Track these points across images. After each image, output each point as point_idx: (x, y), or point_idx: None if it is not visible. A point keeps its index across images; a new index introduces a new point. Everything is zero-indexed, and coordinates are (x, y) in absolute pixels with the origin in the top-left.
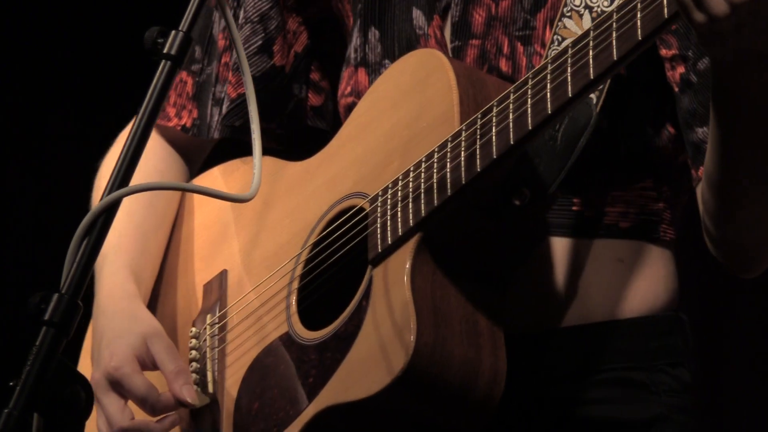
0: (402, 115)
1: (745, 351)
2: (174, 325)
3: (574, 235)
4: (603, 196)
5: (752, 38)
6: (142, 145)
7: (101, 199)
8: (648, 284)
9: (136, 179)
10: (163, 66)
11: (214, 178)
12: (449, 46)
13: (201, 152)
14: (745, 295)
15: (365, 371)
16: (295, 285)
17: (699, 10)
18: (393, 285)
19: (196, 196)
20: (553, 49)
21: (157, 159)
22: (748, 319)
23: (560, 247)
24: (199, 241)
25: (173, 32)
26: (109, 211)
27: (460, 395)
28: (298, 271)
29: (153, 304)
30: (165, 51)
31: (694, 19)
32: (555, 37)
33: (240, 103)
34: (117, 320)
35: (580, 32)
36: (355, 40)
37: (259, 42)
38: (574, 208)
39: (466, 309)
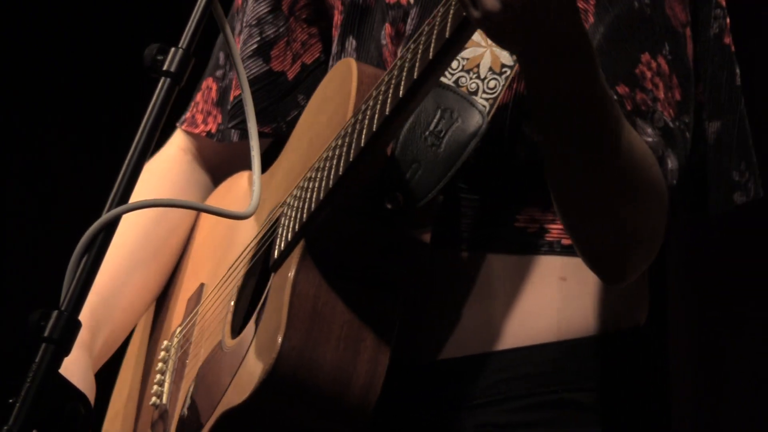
0: (321, 121)
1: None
2: (160, 339)
3: (516, 252)
4: (546, 211)
5: (534, 31)
6: (141, 161)
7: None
8: (591, 303)
9: (152, 196)
10: (163, 83)
11: (219, 194)
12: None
13: (232, 157)
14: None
15: (246, 376)
16: (234, 296)
17: (474, 7)
18: (278, 290)
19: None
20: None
21: (175, 176)
22: (748, 330)
23: (502, 264)
24: (196, 257)
25: (173, 49)
26: (108, 229)
27: (332, 399)
28: (238, 281)
29: (156, 319)
30: (165, 68)
31: (471, 16)
32: None
33: (237, 104)
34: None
35: None
36: (334, 48)
37: (255, 45)
38: (517, 224)
39: (351, 315)
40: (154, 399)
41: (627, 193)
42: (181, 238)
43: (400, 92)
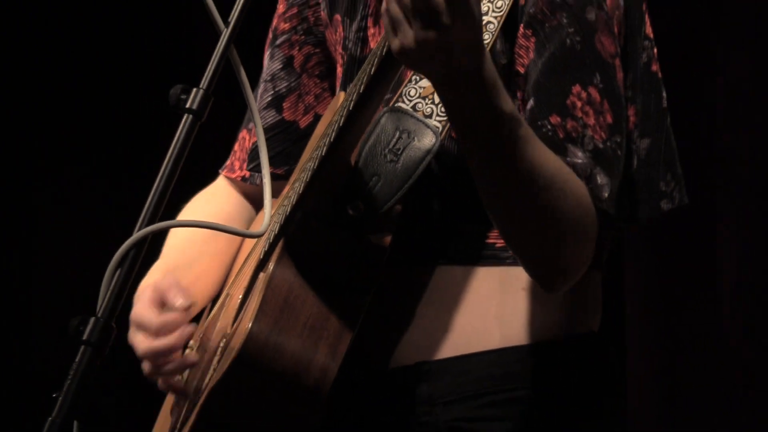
0: (310, 148)
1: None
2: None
3: (478, 263)
4: None
5: (444, 66)
6: (168, 187)
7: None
8: (550, 309)
9: (207, 217)
10: (186, 119)
11: (256, 222)
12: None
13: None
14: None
15: (227, 356)
16: (242, 292)
17: (395, 35)
18: (259, 283)
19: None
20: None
21: (214, 207)
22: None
23: (466, 273)
24: (236, 264)
25: (194, 89)
26: (139, 246)
27: (293, 379)
28: (246, 281)
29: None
30: (187, 106)
31: (393, 50)
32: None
33: (255, 148)
34: (141, 290)
35: None
36: (337, 93)
37: (269, 98)
38: (488, 240)
39: (318, 310)
40: (177, 379)
41: (552, 205)
42: (236, 248)
43: (351, 108)
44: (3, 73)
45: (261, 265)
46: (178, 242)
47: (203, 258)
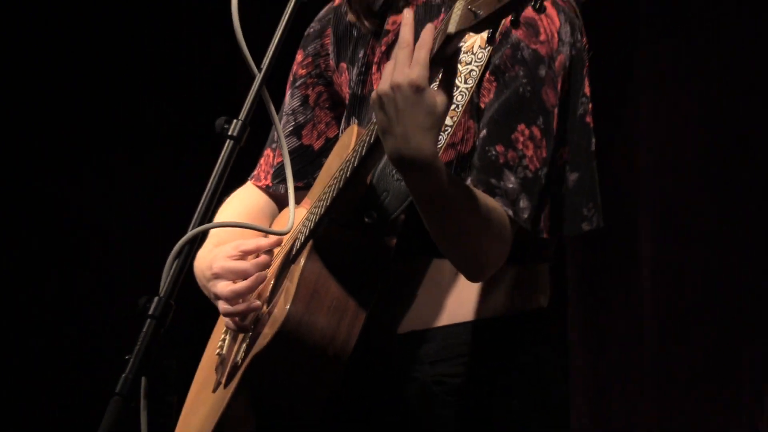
0: (329, 170)
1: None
2: None
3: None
4: None
5: (390, 144)
6: (214, 196)
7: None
8: (508, 290)
9: (233, 217)
10: (228, 144)
11: (277, 220)
12: None
13: (284, 198)
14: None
15: (268, 329)
16: (273, 278)
17: (380, 110)
18: (293, 274)
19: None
20: None
21: (244, 208)
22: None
23: (447, 265)
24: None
25: (235, 120)
26: (192, 242)
27: (322, 346)
28: (277, 269)
29: None
30: (230, 133)
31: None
32: None
33: (279, 167)
34: (208, 257)
35: None
36: (343, 124)
37: (291, 128)
38: None
39: (340, 295)
40: (218, 350)
41: (477, 231)
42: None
43: (371, 140)
44: (68, 78)
45: (293, 259)
46: (217, 238)
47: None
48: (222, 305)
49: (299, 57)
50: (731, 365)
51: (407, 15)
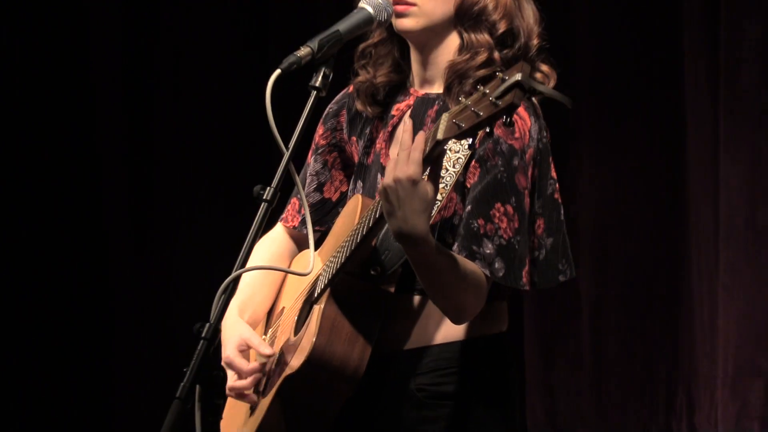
0: (339, 231)
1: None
2: (264, 329)
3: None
4: None
5: (393, 224)
6: (253, 244)
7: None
8: (476, 319)
9: (264, 260)
10: (263, 207)
11: (298, 257)
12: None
13: (305, 239)
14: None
15: (297, 357)
16: (296, 314)
17: (385, 199)
18: (315, 314)
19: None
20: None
21: (275, 249)
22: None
23: (427, 301)
24: (284, 292)
25: (269, 187)
26: (235, 281)
27: (340, 368)
28: (299, 306)
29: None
30: (264, 197)
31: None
32: None
33: (303, 219)
34: (229, 331)
35: None
36: (350, 185)
37: (314, 185)
38: None
39: (352, 329)
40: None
41: (458, 290)
42: (279, 282)
43: (370, 224)
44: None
45: (315, 300)
46: (249, 278)
47: (264, 287)
48: (228, 383)
49: (320, 130)
50: (651, 375)
51: (408, 122)
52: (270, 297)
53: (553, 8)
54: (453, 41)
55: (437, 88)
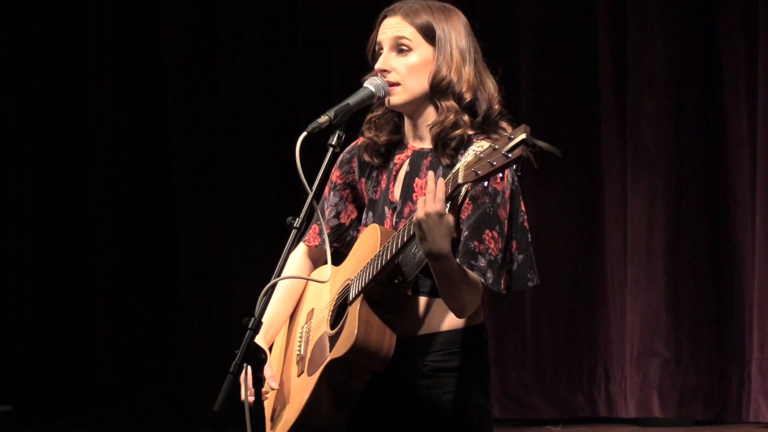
0: (362, 250)
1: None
2: (296, 327)
3: (437, 296)
4: None
5: (425, 246)
6: (285, 260)
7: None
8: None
9: (290, 273)
10: (294, 232)
11: (318, 270)
12: (390, 227)
13: (324, 255)
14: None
15: (341, 345)
16: (329, 312)
17: (419, 228)
18: (353, 313)
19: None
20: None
21: (298, 265)
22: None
23: (437, 302)
24: (306, 298)
25: (297, 218)
26: (273, 287)
27: (375, 354)
28: (331, 306)
29: (289, 324)
30: (295, 226)
31: (414, 229)
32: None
33: (323, 238)
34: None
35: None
36: (363, 216)
37: (333, 214)
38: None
39: (382, 323)
40: (296, 352)
41: (466, 292)
42: (299, 292)
43: (394, 250)
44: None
45: (350, 303)
46: (278, 288)
47: (284, 305)
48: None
49: (337, 172)
50: (577, 355)
51: (431, 175)
52: (288, 311)
53: (497, 74)
54: (432, 109)
55: (427, 144)
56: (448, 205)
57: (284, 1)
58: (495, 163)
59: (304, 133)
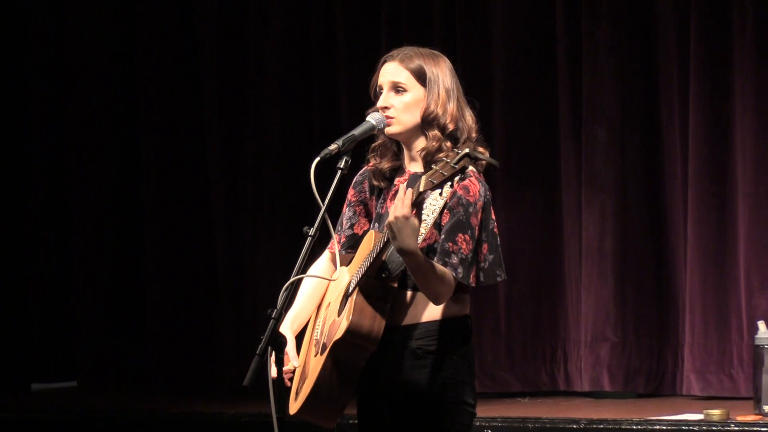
0: (363, 252)
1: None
2: (318, 317)
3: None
4: None
5: (396, 244)
6: (302, 264)
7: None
8: (451, 305)
9: (313, 272)
10: (309, 240)
11: (337, 270)
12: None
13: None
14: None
15: (341, 329)
16: (339, 303)
17: (390, 229)
18: (350, 303)
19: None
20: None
21: (323, 268)
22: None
23: (418, 295)
24: (327, 293)
25: (312, 228)
26: (293, 284)
27: (367, 334)
28: (340, 299)
29: (316, 313)
30: (310, 234)
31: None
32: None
33: (343, 245)
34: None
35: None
36: (371, 226)
37: (348, 225)
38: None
39: (374, 309)
40: (316, 336)
41: (436, 282)
42: (323, 290)
43: (378, 250)
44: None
45: (348, 294)
46: (304, 287)
47: (309, 301)
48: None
49: (351, 191)
50: (541, 339)
51: (402, 189)
52: (314, 305)
53: (475, 109)
54: (422, 137)
55: (421, 168)
56: (414, 210)
57: (301, 50)
58: (445, 173)
59: (318, 158)
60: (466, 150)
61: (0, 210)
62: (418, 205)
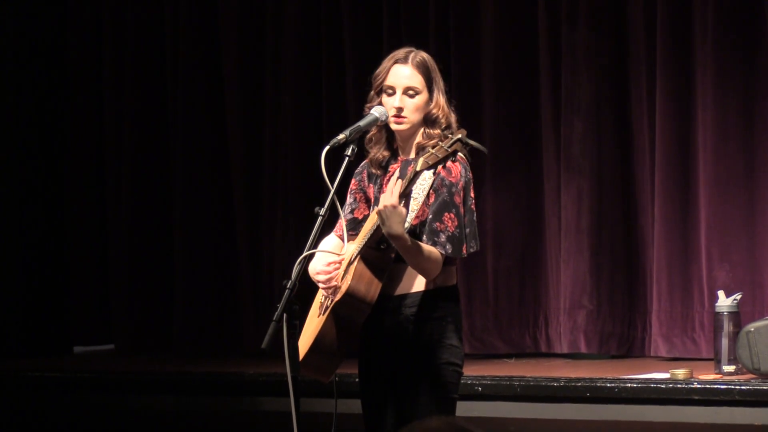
0: (366, 228)
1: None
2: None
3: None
4: None
5: (384, 229)
6: (313, 240)
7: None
8: (440, 277)
9: (326, 248)
10: (320, 219)
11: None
12: None
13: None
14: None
15: (342, 291)
16: (344, 268)
17: (379, 216)
18: (351, 269)
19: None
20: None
21: (333, 242)
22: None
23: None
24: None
25: (323, 208)
26: (306, 258)
27: (363, 298)
28: (346, 265)
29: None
30: (320, 213)
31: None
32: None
33: (347, 227)
34: (318, 254)
35: None
36: (370, 210)
37: (350, 210)
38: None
39: (372, 275)
40: (321, 300)
41: (424, 261)
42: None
43: (375, 227)
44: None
45: (351, 262)
46: (324, 246)
47: (333, 249)
48: (320, 284)
49: (353, 180)
50: (525, 306)
51: (393, 179)
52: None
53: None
54: (419, 132)
55: (412, 155)
56: (403, 201)
57: (313, 50)
58: (439, 155)
59: (327, 147)
60: (459, 136)
61: (41, 183)
62: (405, 196)
